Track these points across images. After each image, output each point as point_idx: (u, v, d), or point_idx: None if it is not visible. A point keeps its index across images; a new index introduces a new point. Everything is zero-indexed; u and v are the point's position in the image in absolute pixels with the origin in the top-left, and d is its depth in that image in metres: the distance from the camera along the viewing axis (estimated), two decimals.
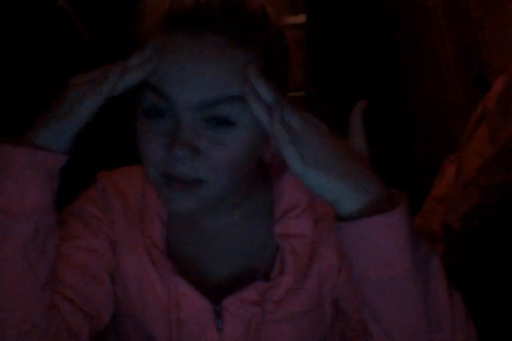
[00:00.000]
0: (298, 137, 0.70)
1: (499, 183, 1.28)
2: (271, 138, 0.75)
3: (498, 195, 1.29)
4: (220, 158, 0.76)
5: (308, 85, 1.76)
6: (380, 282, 0.71)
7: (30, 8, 1.46)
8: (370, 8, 1.70)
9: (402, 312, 0.72)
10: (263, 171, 0.89)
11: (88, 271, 0.83)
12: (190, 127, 0.75)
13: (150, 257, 0.85)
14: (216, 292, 0.84)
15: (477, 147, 1.33)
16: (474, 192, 1.30)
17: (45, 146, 0.74)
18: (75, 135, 0.75)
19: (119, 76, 0.74)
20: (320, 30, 1.75)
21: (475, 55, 1.58)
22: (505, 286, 1.23)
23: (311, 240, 0.85)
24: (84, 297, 0.81)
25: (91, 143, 1.22)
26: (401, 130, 1.73)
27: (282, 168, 0.87)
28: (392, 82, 1.71)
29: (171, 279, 0.83)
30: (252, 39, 0.76)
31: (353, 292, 0.82)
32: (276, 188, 0.87)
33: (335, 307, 0.87)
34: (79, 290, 0.81)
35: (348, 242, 0.71)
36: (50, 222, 0.76)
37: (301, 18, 1.79)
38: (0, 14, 1.45)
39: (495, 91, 1.32)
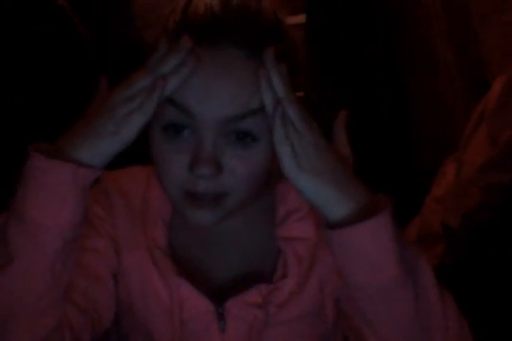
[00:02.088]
0: (294, 135, 0.70)
1: (499, 183, 1.29)
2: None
3: (498, 195, 1.29)
4: (243, 172, 0.74)
5: (308, 85, 1.76)
6: (370, 288, 0.71)
7: (30, 8, 1.46)
8: (370, 8, 1.70)
9: (394, 316, 0.73)
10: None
11: (92, 272, 0.82)
12: (212, 144, 0.73)
13: (152, 258, 0.84)
14: (219, 294, 0.84)
15: (477, 147, 1.33)
16: (474, 192, 1.31)
17: (87, 163, 0.71)
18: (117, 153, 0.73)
19: (163, 90, 0.71)
20: (320, 30, 1.74)
21: (475, 55, 1.58)
22: (505, 286, 1.23)
23: (313, 243, 0.85)
24: (88, 299, 0.81)
25: None
26: (401, 130, 1.73)
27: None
28: (391, 83, 1.72)
29: (173, 281, 0.83)
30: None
31: None
32: (278, 192, 0.87)
33: (336, 308, 0.87)
34: (83, 291, 0.80)
35: (337, 249, 0.71)
36: (77, 234, 0.74)
37: (301, 18, 1.79)
38: (0, 14, 1.45)
39: (495, 91, 1.33)
